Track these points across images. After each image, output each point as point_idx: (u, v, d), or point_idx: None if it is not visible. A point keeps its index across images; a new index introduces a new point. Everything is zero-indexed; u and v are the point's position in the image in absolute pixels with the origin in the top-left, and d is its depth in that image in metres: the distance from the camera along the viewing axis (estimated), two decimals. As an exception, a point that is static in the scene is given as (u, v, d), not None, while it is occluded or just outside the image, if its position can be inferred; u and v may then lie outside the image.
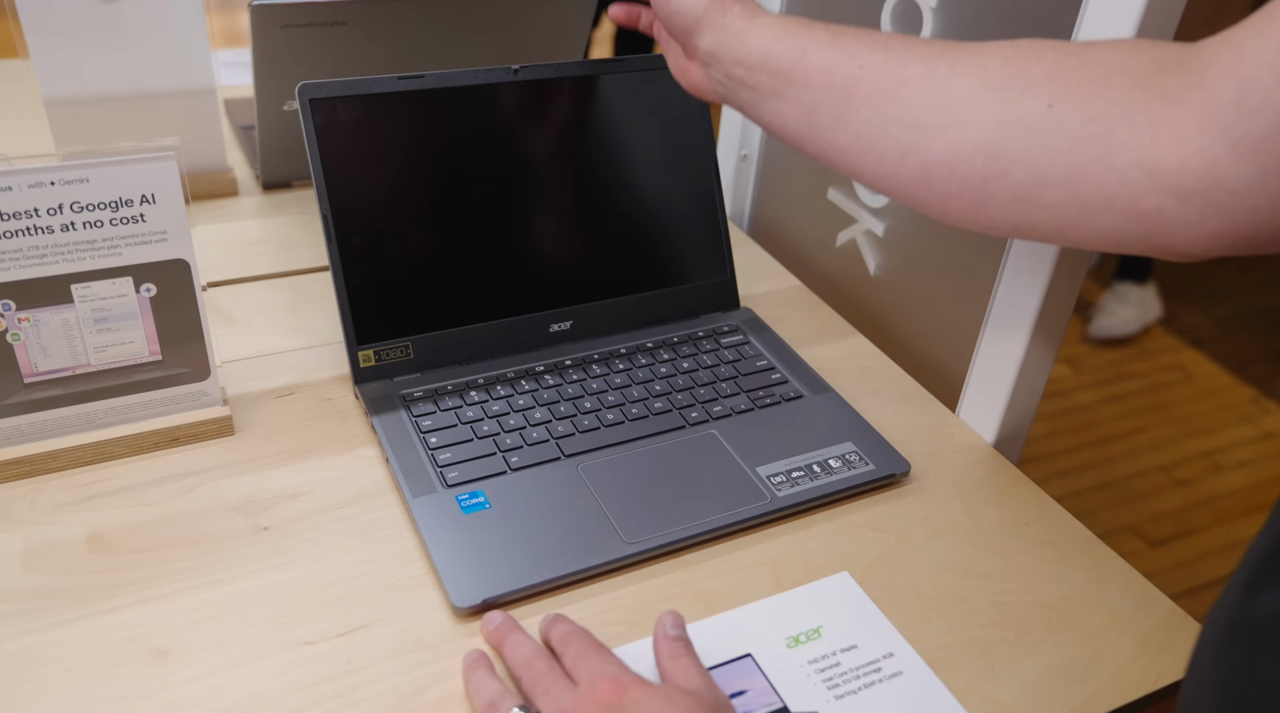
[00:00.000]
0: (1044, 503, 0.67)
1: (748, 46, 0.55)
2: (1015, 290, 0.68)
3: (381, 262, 0.68)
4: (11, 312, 0.58)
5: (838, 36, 0.53)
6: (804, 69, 0.53)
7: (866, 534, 0.63)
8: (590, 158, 0.75)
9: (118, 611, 0.54)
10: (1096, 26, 0.59)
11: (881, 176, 0.52)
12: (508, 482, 0.62)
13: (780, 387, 0.73)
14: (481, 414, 0.67)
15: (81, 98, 0.86)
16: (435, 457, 0.63)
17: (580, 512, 0.61)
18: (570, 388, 0.70)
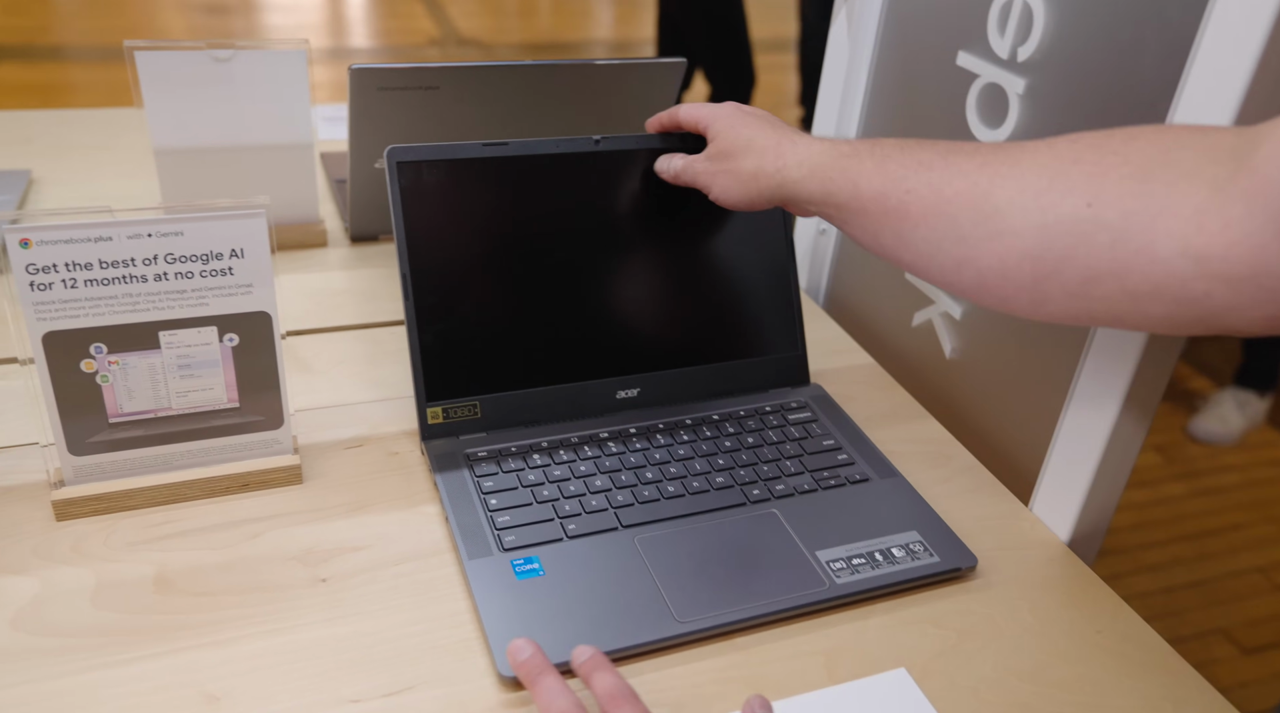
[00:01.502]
0: (1119, 609, 0.63)
1: (808, 191, 0.61)
2: (1097, 381, 0.66)
3: (455, 322, 0.69)
4: (103, 354, 0.61)
5: (883, 163, 0.57)
6: (860, 202, 0.58)
7: (927, 629, 0.61)
8: (666, 228, 0.75)
9: (175, 654, 0.55)
10: (1192, 111, 0.58)
11: (945, 284, 0.55)
12: (564, 549, 0.62)
13: (846, 468, 0.71)
14: (543, 478, 0.67)
15: (188, 148, 0.90)
16: (494, 519, 0.64)
17: (634, 586, 0.60)
18: (633, 457, 0.70)
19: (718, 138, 0.67)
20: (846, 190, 0.58)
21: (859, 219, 0.58)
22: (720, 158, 0.67)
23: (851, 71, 0.90)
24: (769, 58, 3.80)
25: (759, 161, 0.64)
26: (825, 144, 0.61)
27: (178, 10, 4.47)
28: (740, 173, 0.65)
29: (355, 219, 0.98)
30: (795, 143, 0.63)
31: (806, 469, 0.71)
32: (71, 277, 0.58)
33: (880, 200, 0.56)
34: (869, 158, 0.58)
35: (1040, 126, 0.71)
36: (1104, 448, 0.66)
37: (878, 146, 0.58)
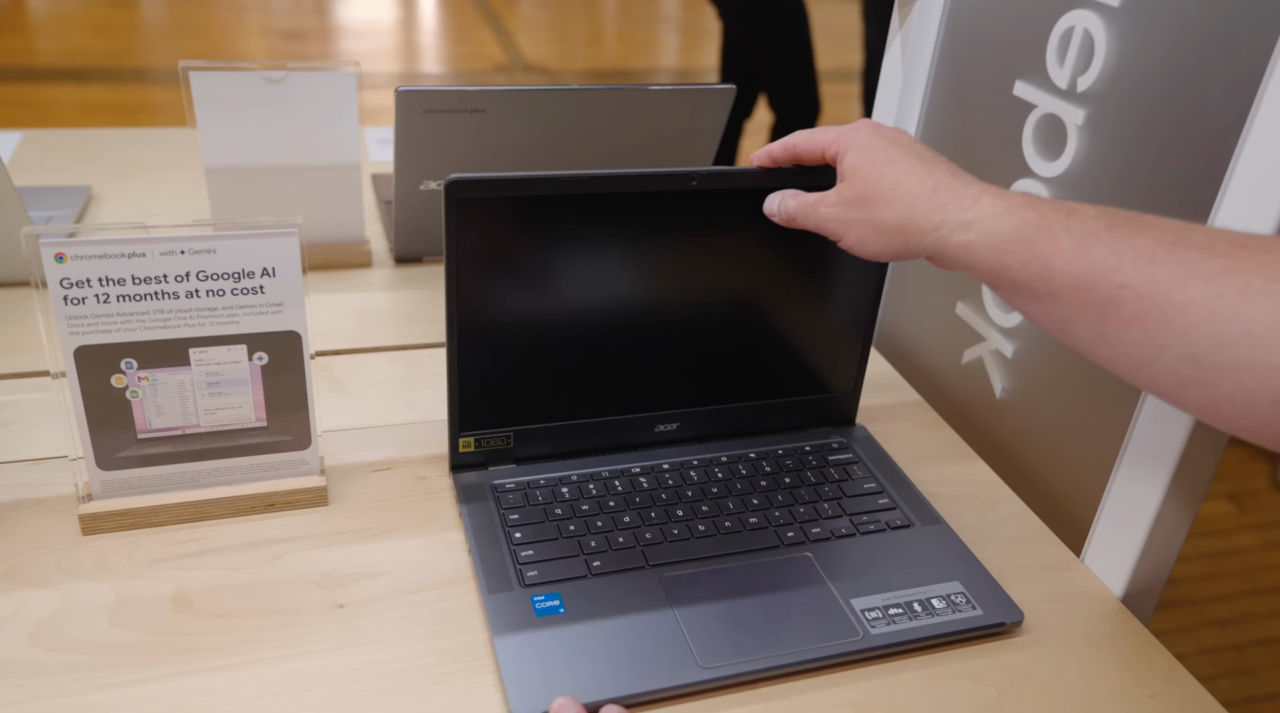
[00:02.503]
0: (1175, 672, 0.59)
1: (976, 260, 0.51)
2: (1158, 425, 0.62)
3: (496, 356, 0.67)
4: (133, 370, 0.61)
5: (1086, 244, 0.46)
6: (1050, 286, 0.48)
7: (965, 686, 0.57)
8: (741, 262, 0.70)
9: (188, 676, 0.54)
10: (1262, 147, 0.54)
11: (1157, 393, 0.46)
12: (586, 586, 0.60)
13: (887, 513, 0.68)
14: (570, 513, 0.66)
15: (239, 168, 0.91)
16: (517, 553, 0.62)
17: (657, 628, 0.58)
18: (664, 494, 0.68)
19: (853, 176, 0.56)
20: (1033, 271, 0.48)
21: (1045, 304, 0.48)
22: (856, 204, 0.56)
23: (905, 100, 0.87)
24: (835, 88, 3.77)
25: (909, 213, 0.53)
26: (1000, 201, 0.50)
27: (258, 35, 4.61)
28: (883, 225, 0.54)
29: (399, 240, 0.98)
30: (959, 194, 0.52)
31: (845, 512, 0.68)
32: (104, 292, 0.58)
33: (1080, 291, 0.46)
34: (1065, 234, 0.47)
35: (1100, 159, 0.68)
36: (1163, 496, 0.62)
37: (1075, 216, 0.48)
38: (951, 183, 0.53)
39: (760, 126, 2.99)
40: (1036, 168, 0.73)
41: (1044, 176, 0.72)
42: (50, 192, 1.05)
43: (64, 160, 1.17)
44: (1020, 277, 0.49)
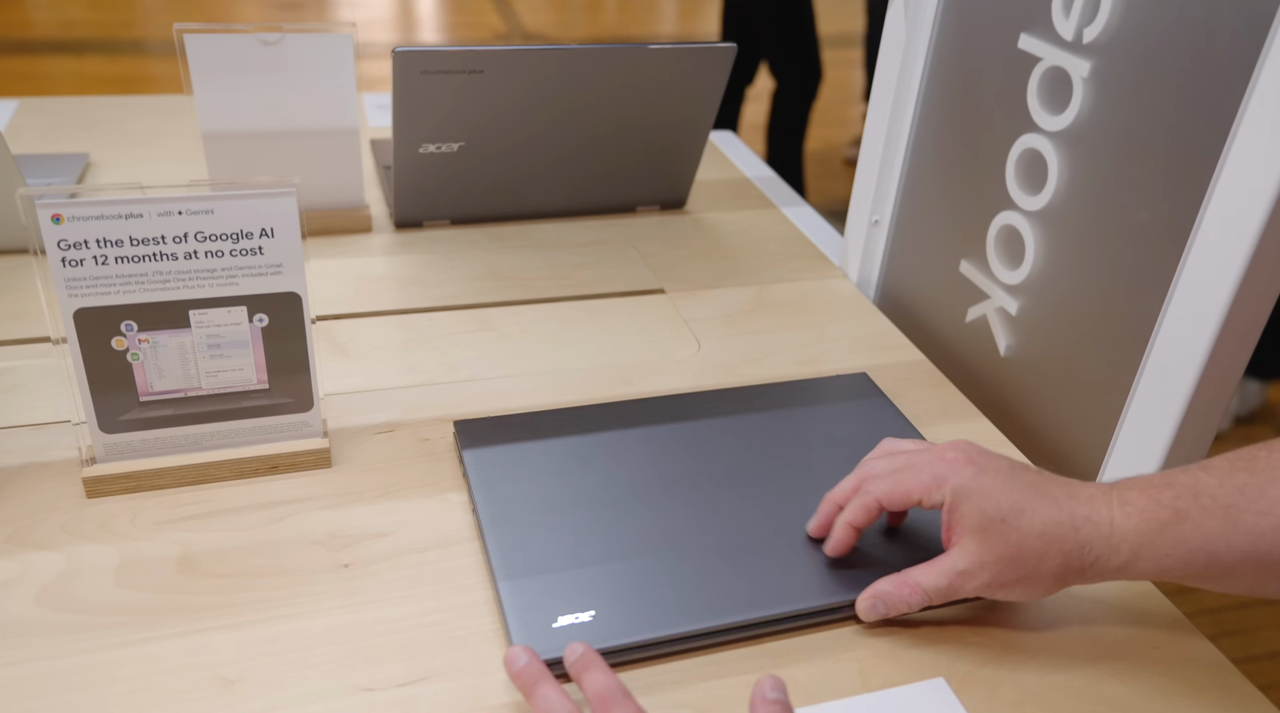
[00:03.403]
0: (1179, 624, 0.59)
1: (1139, 570, 0.50)
2: (1161, 383, 0.62)
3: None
4: (134, 332, 0.61)
5: (1231, 517, 0.47)
6: (1223, 568, 0.48)
7: (969, 638, 0.57)
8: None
9: (194, 635, 0.54)
10: (1271, 97, 0.54)
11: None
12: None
13: None
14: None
15: (236, 132, 0.91)
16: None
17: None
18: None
19: (985, 535, 0.52)
20: (1199, 562, 0.48)
21: (1226, 580, 0.49)
22: (1006, 567, 0.52)
23: (908, 60, 0.86)
24: (836, 53, 3.74)
25: (1062, 559, 0.51)
26: (1131, 510, 0.50)
27: (254, 6, 4.57)
28: (1041, 581, 0.52)
29: (399, 205, 0.97)
30: (1090, 516, 0.50)
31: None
32: (103, 253, 0.58)
33: (1256, 560, 0.47)
34: (1207, 516, 0.48)
35: (1106, 112, 0.67)
36: (1166, 454, 0.62)
37: (1202, 493, 0.48)
38: (1079, 509, 0.51)
39: (761, 93, 2.97)
40: (1042, 122, 0.72)
41: (1049, 131, 0.72)
42: (48, 159, 1.05)
43: (60, 128, 1.17)
44: (1190, 571, 0.49)
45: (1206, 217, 0.58)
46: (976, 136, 0.80)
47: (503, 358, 0.81)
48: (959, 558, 0.54)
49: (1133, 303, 0.66)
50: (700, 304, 0.91)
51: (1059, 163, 0.71)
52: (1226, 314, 0.58)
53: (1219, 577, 0.49)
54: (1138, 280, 0.65)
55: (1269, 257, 0.56)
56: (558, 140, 0.96)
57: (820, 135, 3.62)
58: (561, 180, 1.00)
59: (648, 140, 0.99)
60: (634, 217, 1.07)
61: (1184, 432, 0.61)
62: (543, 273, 0.94)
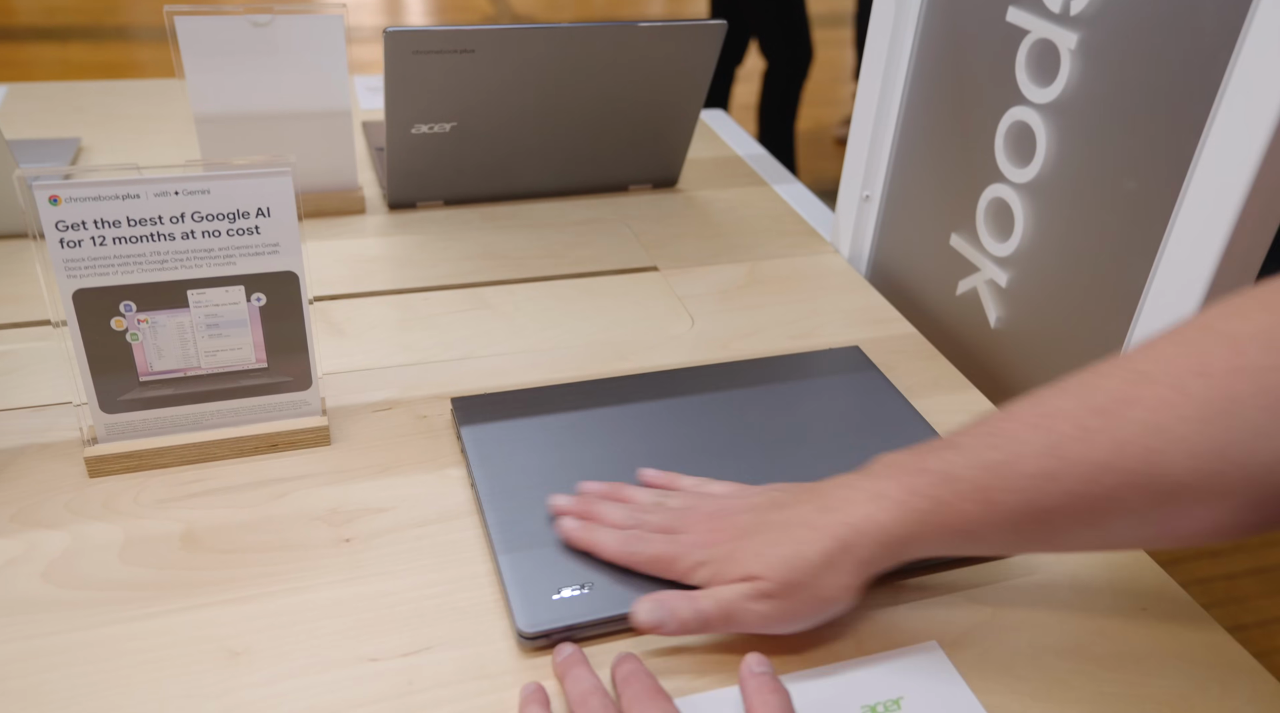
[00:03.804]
0: (1165, 586, 0.61)
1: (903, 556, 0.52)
2: (1147, 353, 0.63)
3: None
4: (133, 312, 0.61)
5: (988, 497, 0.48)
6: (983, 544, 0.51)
7: (962, 602, 0.59)
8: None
9: (198, 609, 0.55)
10: (1253, 68, 0.54)
11: None
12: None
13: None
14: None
15: (228, 115, 0.91)
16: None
17: None
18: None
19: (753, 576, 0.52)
20: (961, 543, 0.50)
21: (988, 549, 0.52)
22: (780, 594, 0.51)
23: (898, 29, 0.87)
24: (827, 32, 3.73)
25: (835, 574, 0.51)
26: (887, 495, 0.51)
27: (239, -10, 4.53)
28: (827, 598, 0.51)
29: (392, 186, 0.98)
30: (847, 520, 0.51)
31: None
32: (100, 234, 0.58)
33: (1012, 532, 0.49)
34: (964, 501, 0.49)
35: (1093, 83, 0.68)
36: (1154, 419, 0.63)
37: (956, 478, 0.49)
38: (836, 518, 0.51)
39: (752, 73, 2.97)
40: (1030, 95, 0.73)
41: (1037, 103, 0.72)
42: (39, 144, 1.05)
43: (50, 114, 1.16)
44: (954, 549, 0.51)
45: (1192, 184, 0.59)
46: (966, 110, 0.81)
47: (498, 336, 0.81)
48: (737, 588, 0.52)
49: (1120, 272, 0.67)
50: (693, 281, 0.91)
51: (1047, 135, 0.72)
52: (1212, 280, 0.58)
53: (982, 548, 0.52)
54: (1125, 249, 0.66)
55: (1253, 222, 0.57)
56: (549, 119, 0.96)
57: (811, 115, 3.61)
58: (554, 160, 1.01)
59: (639, 119, 0.99)
60: (626, 195, 1.07)
61: (1171, 398, 0.62)
62: (536, 252, 0.94)
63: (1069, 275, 0.72)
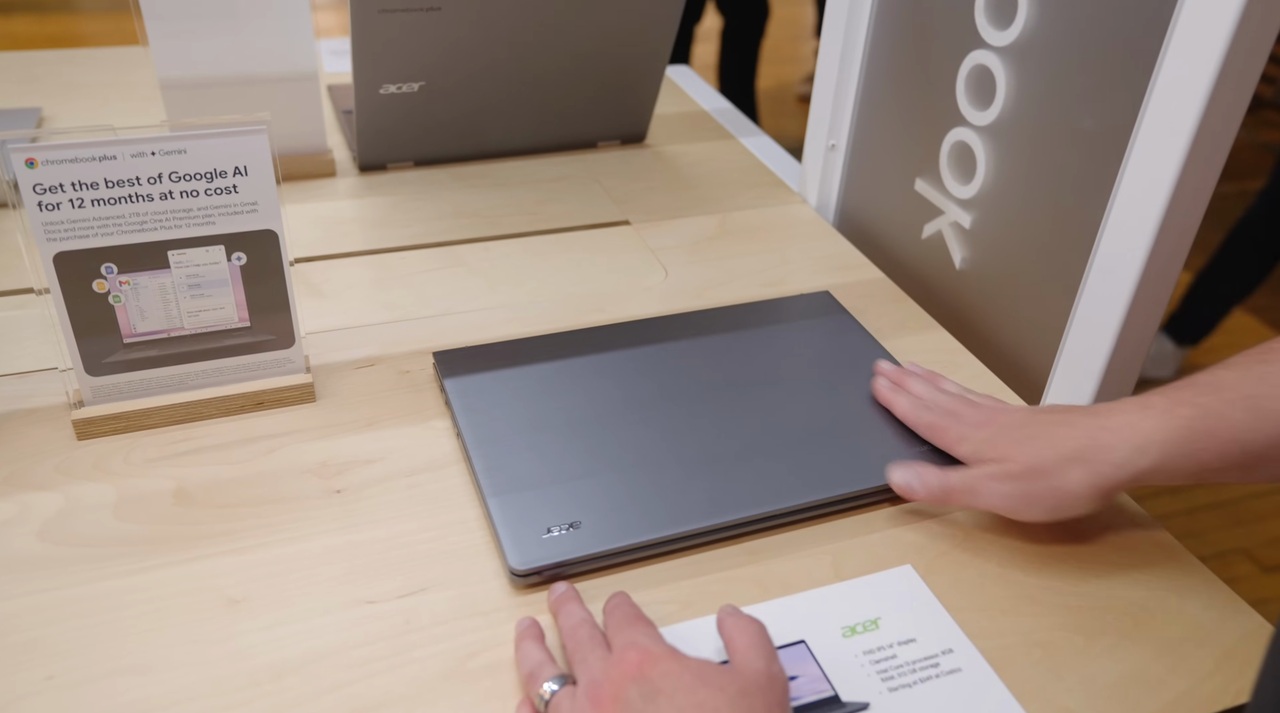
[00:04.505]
0: (1125, 506, 0.64)
1: (1173, 470, 0.52)
2: (1105, 284, 0.65)
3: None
4: (114, 274, 0.62)
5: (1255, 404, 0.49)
6: (1254, 457, 0.50)
7: (933, 528, 0.61)
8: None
9: (196, 561, 0.56)
10: (1197, 10, 0.56)
11: None
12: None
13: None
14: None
15: (193, 80, 0.90)
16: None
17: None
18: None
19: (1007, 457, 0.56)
20: (1232, 454, 0.50)
21: (1260, 469, 0.51)
22: (1028, 476, 0.55)
23: (858, -19, 0.88)
24: (784, -11, 3.72)
25: (1084, 467, 0.53)
26: (1151, 406, 0.52)
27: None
28: (1069, 492, 0.54)
29: (363, 147, 0.98)
30: (1106, 425, 0.53)
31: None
32: (79, 196, 0.59)
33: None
34: (1234, 409, 0.49)
35: (1048, 23, 0.70)
36: (1112, 350, 0.66)
37: (1224, 387, 0.50)
38: (1096, 421, 0.54)
39: (710, 32, 2.96)
40: (989, 38, 0.75)
41: (996, 46, 0.74)
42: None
43: (5, 84, 1.15)
44: (1225, 464, 0.50)
45: (1145, 119, 0.61)
46: (927, 56, 0.82)
47: (476, 292, 0.82)
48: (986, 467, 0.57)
49: (1078, 208, 0.69)
50: (665, 233, 0.93)
51: (1006, 77, 0.74)
52: (1165, 212, 0.61)
53: (1254, 465, 0.50)
54: (1082, 186, 0.68)
55: (1203, 154, 0.59)
56: (517, 77, 0.97)
57: (772, 74, 3.61)
58: (522, 117, 1.01)
59: (606, 74, 1.00)
60: (595, 152, 1.08)
61: (1128, 328, 0.65)
62: (509, 210, 0.95)
63: (1030, 214, 0.74)
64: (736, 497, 0.60)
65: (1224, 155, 0.60)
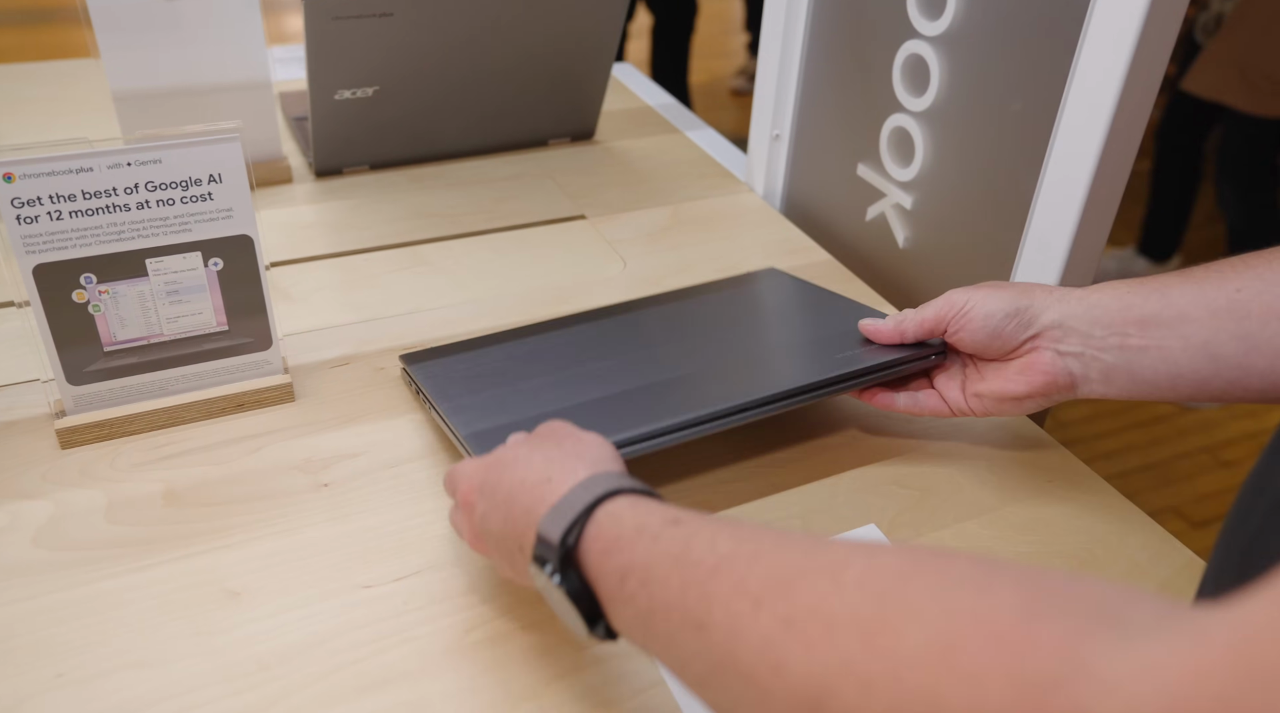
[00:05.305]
0: (1067, 460, 0.69)
1: (1100, 304, 0.55)
2: (1039, 256, 0.70)
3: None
4: (93, 284, 0.63)
5: (1190, 277, 0.53)
6: (1176, 309, 0.52)
7: (893, 489, 0.65)
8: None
9: (192, 558, 0.58)
10: (1106, 15, 0.61)
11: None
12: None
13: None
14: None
15: (147, 91, 0.91)
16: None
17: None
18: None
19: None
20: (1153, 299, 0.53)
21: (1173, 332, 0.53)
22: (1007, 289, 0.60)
23: (794, -23, 0.92)
24: (712, -15, 3.77)
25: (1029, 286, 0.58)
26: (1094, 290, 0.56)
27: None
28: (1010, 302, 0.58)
29: (319, 153, 0.99)
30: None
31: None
32: (56, 208, 0.60)
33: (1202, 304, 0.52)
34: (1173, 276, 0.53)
35: (976, 14, 0.74)
36: (1048, 315, 0.71)
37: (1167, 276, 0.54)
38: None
39: (641, 30, 3.00)
40: (921, 28, 0.79)
41: (929, 36, 0.79)
42: (-57, 134, 1.03)
43: (-54, 103, 1.14)
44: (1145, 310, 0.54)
45: (1069, 101, 0.66)
46: (864, 47, 0.87)
47: (442, 289, 0.85)
48: None
49: (1011, 186, 0.74)
50: (620, 226, 0.96)
51: (939, 65, 0.78)
52: (1090, 186, 0.66)
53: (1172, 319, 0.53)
54: (1014, 165, 0.73)
55: (1122, 131, 0.64)
56: (469, 79, 0.99)
57: (705, 68, 3.66)
58: (475, 118, 1.04)
59: (555, 73, 1.03)
60: (547, 149, 1.11)
61: (1062, 295, 0.70)
62: (467, 209, 0.98)
63: (966, 193, 0.79)
64: (704, 397, 0.62)
65: (1140, 132, 0.65)
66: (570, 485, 0.45)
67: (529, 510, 0.46)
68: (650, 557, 0.39)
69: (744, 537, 0.37)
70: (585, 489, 0.44)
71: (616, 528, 0.42)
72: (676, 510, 0.42)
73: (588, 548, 0.43)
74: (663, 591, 0.38)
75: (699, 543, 0.38)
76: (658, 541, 0.40)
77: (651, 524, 0.41)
